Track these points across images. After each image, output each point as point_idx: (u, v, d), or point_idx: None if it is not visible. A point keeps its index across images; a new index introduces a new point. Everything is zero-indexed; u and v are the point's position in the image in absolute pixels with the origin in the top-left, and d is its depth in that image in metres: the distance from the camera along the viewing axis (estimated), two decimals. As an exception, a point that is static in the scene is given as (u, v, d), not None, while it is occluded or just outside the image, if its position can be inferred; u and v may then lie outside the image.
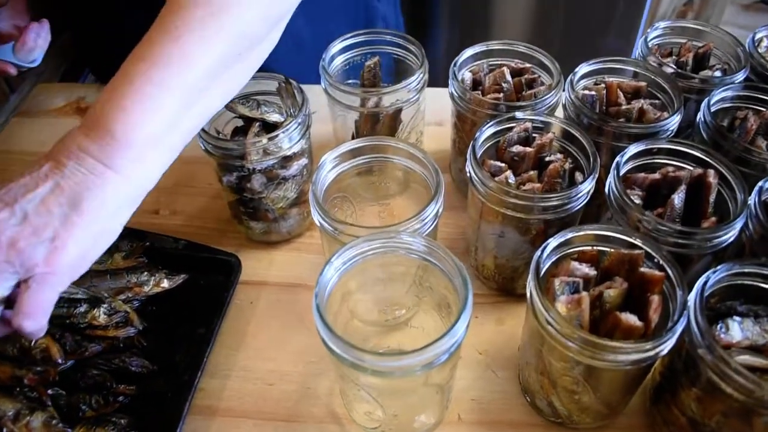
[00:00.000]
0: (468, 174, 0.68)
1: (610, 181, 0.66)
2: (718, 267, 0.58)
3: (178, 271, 0.77)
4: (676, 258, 0.63)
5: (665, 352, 0.55)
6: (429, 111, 0.90)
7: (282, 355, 0.73)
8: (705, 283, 0.57)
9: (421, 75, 0.78)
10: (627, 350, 0.53)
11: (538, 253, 0.59)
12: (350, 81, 0.86)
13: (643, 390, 0.67)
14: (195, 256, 0.79)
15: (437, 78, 0.94)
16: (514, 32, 2.02)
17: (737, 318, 0.58)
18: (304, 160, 0.77)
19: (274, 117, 0.76)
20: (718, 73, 0.81)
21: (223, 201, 0.84)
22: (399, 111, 0.80)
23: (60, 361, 0.69)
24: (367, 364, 0.53)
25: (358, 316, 0.72)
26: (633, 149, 0.68)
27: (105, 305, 0.72)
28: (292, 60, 1.10)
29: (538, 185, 0.67)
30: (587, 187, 0.66)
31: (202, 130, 0.72)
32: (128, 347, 0.72)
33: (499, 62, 0.82)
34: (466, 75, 0.80)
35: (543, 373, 0.62)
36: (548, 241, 0.60)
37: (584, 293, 0.57)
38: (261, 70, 0.66)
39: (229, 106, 0.78)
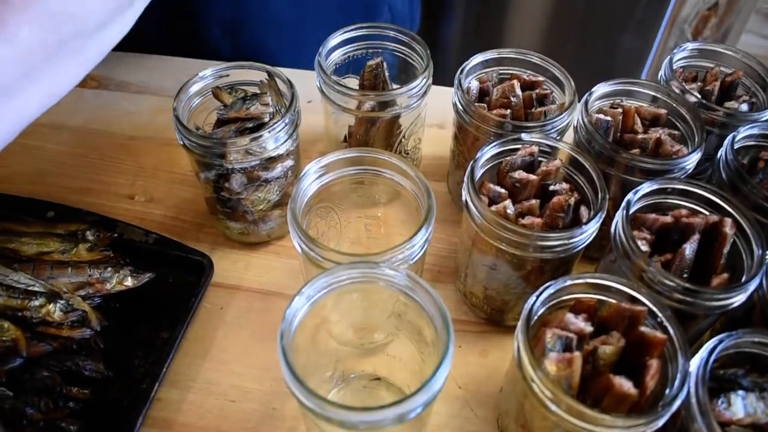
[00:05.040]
0: (463, 200, 0.62)
1: (618, 221, 0.60)
2: (727, 335, 0.53)
3: (146, 266, 0.72)
4: (679, 314, 0.59)
5: (659, 426, 0.50)
6: (430, 111, 0.84)
7: (248, 369, 0.69)
8: (711, 352, 0.52)
9: (425, 80, 0.72)
10: (617, 425, 0.48)
11: (531, 300, 0.54)
12: (348, 75, 0.80)
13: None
14: (165, 252, 0.74)
15: (446, 72, 0.86)
16: (532, 23, 1.96)
17: (741, 392, 0.53)
18: (289, 162, 0.71)
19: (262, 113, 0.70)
20: (744, 107, 0.75)
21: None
22: (397, 117, 0.74)
23: (24, 354, 0.65)
24: (333, 415, 0.48)
25: (334, 337, 0.67)
26: (646, 188, 0.62)
27: (62, 301, 0.67)
28: (285, 45, 1.05)
29: (538, 220, 0.61)
30: (592, 227, 0.60)
31: (180, 124, 0.66)
32: (83, 348, 0.67)
33: (511, 71, 0.76)
34: (473, 83, 0.74)
35: (523, 426, 0.58)
36: (543, 288, 0.54)
37: (577, 353, 0.51)
38: (251, 55, 0.59)
39: (215, 93, 0.72)
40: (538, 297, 0.54)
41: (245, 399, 0.67)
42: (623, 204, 0.61)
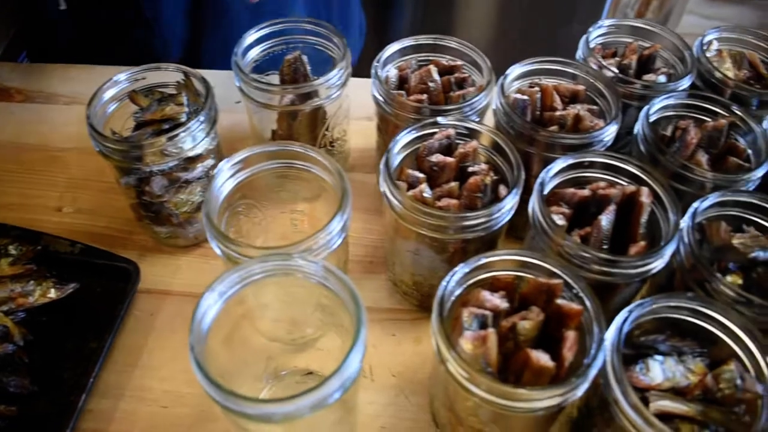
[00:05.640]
0: (380, 188, 0.62)
1: (533, 198, 0.60)
2: (640, 303, 0.53)
3: (73, 277, 0.71)
4: (601, 285, 0.59)
5: (577, 396, 0.50)
6: (359, 103, 0.83)
7: (180, 374, 0.67)
8: (624, 322, 0.52)
9: (342, 70, 0.72)
10: (534, 398, 0.48)
11: (445, 281, 0.53)
12: (271, 72, 0.79)
13: (568, 419, 0.63)
14: (92, 262, 0.73)
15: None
16: (480, 14, 1.97)
17: (659, 357, 0.53)
18: (210, 161, 0.70)
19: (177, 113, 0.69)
20: (662, 78, 0.75)
21: (132, 199, 0.77)
22: (318, 109, 0.73)
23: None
24: (249, 410, 0.47)
25: (263, 333, 0.66)
26: (560, 164, 0.62)
27: (-18, 318, 0.65)
28: None
29: (454, 201, 0.61)
30: (509, 204, 0.60)
31: (94, 130, 0.65)
32: (7, 364, 0.65)
33: (430, 58, 0.76)
34: (392, 72, 0.74)
35: (450, 410, 0.57)
36: (457, 269, 0.54)
37: (490, 330, 0.51)
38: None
39: (131, 97, 0.71)
40: (451, 277, 0.54)
41: (178, 404, 0.66)
42: (537, 182, 0.61)
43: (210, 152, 0.70)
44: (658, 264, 0.58)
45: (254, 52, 0.76)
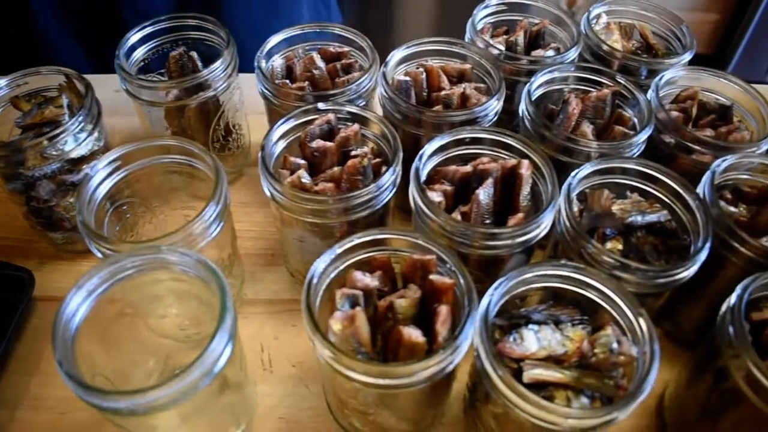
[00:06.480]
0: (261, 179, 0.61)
1: (411, 179, 0.60)
2: (509, 274, 0.53)
3: (-32, 290, 0.69)
4: (487, 259, 0.59)
5: (451, 368, 0.50)
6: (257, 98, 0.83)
7: (77, 379, 0.66)
8: (492, 293, 0.52)
9: (227, 62, 0.71)
10: (399, 374, 0.48)
11: (316, 264, 0.53)
12: (162, 71, 0.78)
13: (462, 398, 0.63)
14: (-14, 272, 0.71)
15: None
16: (418, 7, 1.98)
17: (534, 327, 0.53)
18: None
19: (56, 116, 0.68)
20: (550, 53, 0.76)
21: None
22: (206, 102, 0.73)
23: None
24: (114, 405, 0.47)
25: (153, 331, 0.65)
26: (436, 143, 0.62)
27: None
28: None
29: (330, 185, 0.61)
30: (386, 182, 0.60)
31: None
32: None
33: (317, 46, 0.76)
34: (278, 62, 0.73)
35: (334, 395, 0.57)
36: (329, 250, 0.54)
37: (358, 309, 0.51)
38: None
39: (13, 102, 0.70)
40: (322, 260, 0.54)
41: (76, 409, 0.65)
42: (414, 165, 0.60)
43: (96, 153, 0.69)
44: (536, 234, 0.58)
45: (139, 52, 0.75)
